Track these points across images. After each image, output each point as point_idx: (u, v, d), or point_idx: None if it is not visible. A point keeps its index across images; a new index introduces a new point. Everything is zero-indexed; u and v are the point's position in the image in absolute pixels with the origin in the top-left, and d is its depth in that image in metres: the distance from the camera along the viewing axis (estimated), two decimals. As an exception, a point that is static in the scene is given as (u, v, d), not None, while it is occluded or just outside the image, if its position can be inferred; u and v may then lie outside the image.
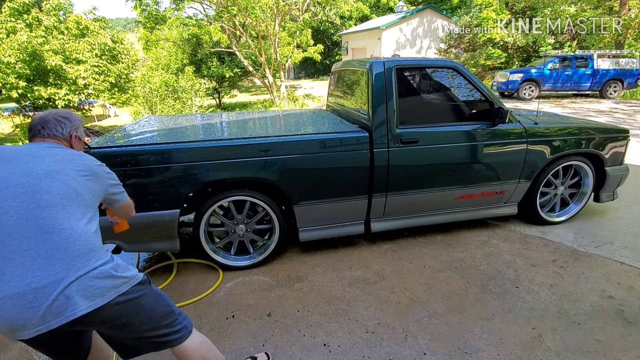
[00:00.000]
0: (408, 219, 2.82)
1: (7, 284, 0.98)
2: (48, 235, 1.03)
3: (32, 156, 1.16)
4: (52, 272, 1.00)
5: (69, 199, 1.10)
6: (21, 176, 1.09)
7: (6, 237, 1.02)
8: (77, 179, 1.16)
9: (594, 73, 11.53)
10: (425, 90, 2.86)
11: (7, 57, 8.39)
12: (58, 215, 1.06)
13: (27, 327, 0.99)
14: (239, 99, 21.74)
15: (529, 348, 1.80)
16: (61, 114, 1.34)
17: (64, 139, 1.31)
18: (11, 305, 0.97)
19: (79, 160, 1.22)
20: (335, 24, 28.65)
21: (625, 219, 3.22)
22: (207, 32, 14.67)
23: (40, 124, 1.29)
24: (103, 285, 1.06)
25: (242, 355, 1.80)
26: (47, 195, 1.07)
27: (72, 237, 1.05)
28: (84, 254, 1.05)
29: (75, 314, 1.01)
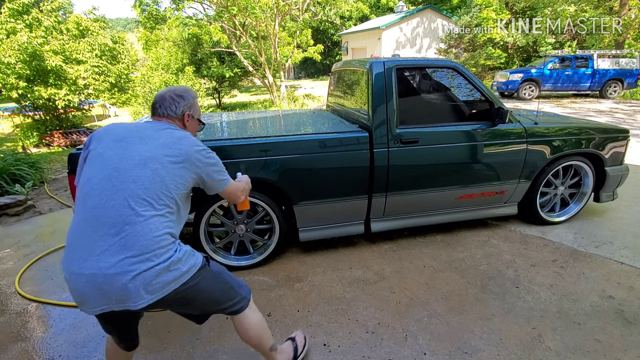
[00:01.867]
0: (408, 219, 2.82)
1: (84, 261, 1.06)
2: (125, 225, 1.08)
3: (139, 138, 1.22)
4: (121, 263, 1.05)
5: (152, 190, 1.14)
6: (121, 160, 1.16)
7: (93, 218, 1.09)
8: (167, 167, 1.18)
9: (594, 73, 11.54)
10: (425, 90, 2.86)
11: (7, 57, 8.39)
12: (137, 206, 1.10)
13: (92, 305, 1.08)
14: (239, 99, 21.74)
15: (529, 348, 1.80)
16: (177, 91, 1.39)
17: (177, 118, 1.37)
18: (84, 283, 1.06)
19: (177, 145, 1.23)
20: (335, 24, 28.63)
21: (625, 219, 3.22)
22: (207, 32, 14.67)
23: (159, 102, 1.36)
24: (165, 279, 1.11)
25: (242, 356, 1.80)
26: (133, 184, 1.12)
27: (144, 230, 1.09)
28: (152, 248, 1.09)
29: (136, 306, 1.08)
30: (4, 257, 2.92)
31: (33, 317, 2.16)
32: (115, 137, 1.22)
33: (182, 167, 1.22)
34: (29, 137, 10.34)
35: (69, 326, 2.06)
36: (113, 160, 1.15)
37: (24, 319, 2.15)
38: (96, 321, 2.06)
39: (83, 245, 1.08)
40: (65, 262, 1.10)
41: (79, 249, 1.08)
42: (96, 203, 1.10)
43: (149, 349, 1.85)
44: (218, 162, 1.37)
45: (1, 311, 2.22)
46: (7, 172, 4.47)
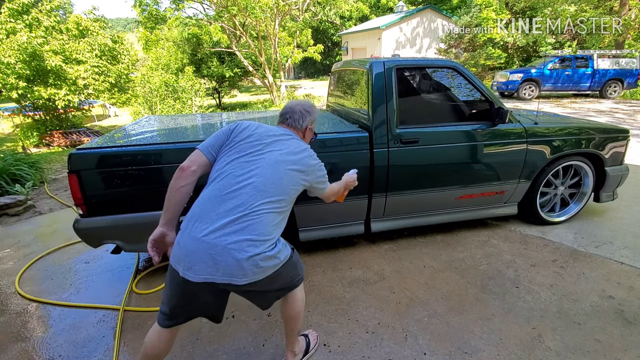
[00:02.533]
0: (408, 219, 2.82)
1: (208, 231, 1.21)
2: (248, 212, 1.25)
3: (274, 141, 1.43)
4: (241, 242, 1.20)
5: (275, 188, 1.32)
6: (257, 156, 1.36)
7: (222, 197, 1.27)
8: (290, 174, 1.38)
9: (593, 73, 11.54)
10: (425, 90, 2.86)
11: (7, 57, 8.39)
12: (262, 198, 1.28)
13: (199, 272, 1.20)
14: (239, 99, 21.74)
15: (529, 348, 1.80)
16: (306, 107, 1.60)
17: (300, 130, 1.57)
18: (202, 249, 1.20)
19: (299, 155, 1.44)
20: (335, 24, 28.65)
21: (625, 219, 3.22)
22: (207, 32, 14.67)
23: (289, 113, 1.57)
24: (268, 264, 1.27)
25: (242, 355, 1.80)
26: (262, 178, 1.31)
27: (263, 220, 1.26)
28: (266, 237, 1.26)
29: (240, 282, 1.22)
30: (4, 257, 2.92)
31: (33, 317, 2.16)
32: (256, 135, 1.42)
33: (301, 174, 1.42)
34: (29, 137, 10.34)
35: (69, 326, 2.06)
36: (253, 153, 1.36)
37: (24, 319, 2.15)
38: (96, 321, 2.07)
39: (209, 218, 1.24)
40: (187, 227, 1.25)
41: (204, 219, 1.24)
42: (227, 184, 1.29)
43: (149, 349, 1.85)
44: (325, 174, 1.57)
45: (1, 311, 2.22)
46: (7, 172, 4.47)
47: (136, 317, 2.11)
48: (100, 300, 2.27)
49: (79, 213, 2.14)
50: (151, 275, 2.56)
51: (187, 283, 1.24)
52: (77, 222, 2.13)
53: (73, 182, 2.04)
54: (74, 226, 2.14)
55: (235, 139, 1.42)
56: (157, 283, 2.44)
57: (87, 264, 2.76)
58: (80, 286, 2.47)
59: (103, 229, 2.16)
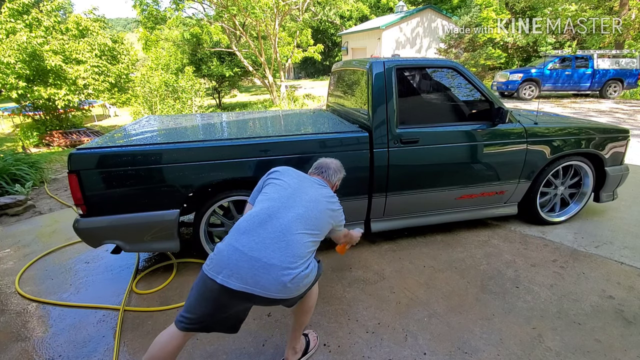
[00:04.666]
0: (408, 219, 2.82)
1: (251, 245, 1.32)
2: (288, 234, 1.37)
3: (310, 183, 1.64)
4: (280, 260, 1.30)
5: (313, 222, 1.46)
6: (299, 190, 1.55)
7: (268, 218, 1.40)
8: (325, 212, 1.55)
9: (594, 73, 11.53)
10: (425, 90, 2.86)
11: (7, 57, 8.39)
12: (300, 225, 1.42)
13: (238, 281, 1.27)
14: (239, 99, 21.74)
15: (529, 348, 1.80)
16: (339, 165, 1.86)
17: (331, 183, 1.78)
18: (245, 260, 1.28)
19: (330, 200, 1.61)
20: (335, 24, 28.64)
21: (625, 219, 3.22)
22: (208, 32, 14.67)
23: (324, 167, 1.80)
24: (302, 283, 1.35)
25: (242, 355, 1.80)
26: (303, 209, 1.46)
27: (299, 243, 1.38)
28: (302, 259, 1.36)
29: (275, 296, 1.30)
30: (4, 257, 2.92)
31: (33, 317, 2.16)
32: (295, 175, 1.65)
33: (329, 214, 1.57)
34: (29, 137, 10.35)
35: (69, 326, 2.06)
36: (294, 188, 1.55)
37: (24, 319, 2.15)
38: (96, 321, 2.07)
39: (254, 233, 1.35)
40: (232, 238, 1.36)
41: (250, 234, 1.35)
42: (274, 208, 1.44)
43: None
44: (344, 219, 1.72)
45: (1, 311, 2.22)
46: (7, 172, 4.47)
47: (136, 317, 2.11)
48: (100, 300, 2.27)
49: (79, 213, 2.14)
50: (151, 275, 2.56)
51: (223, 291, 1.29)
52: (77, 222, 2.13)
53: (73, 182, 2.04)
54: (74, 226, 2.14)
55: (276, 176, 1.64)
56: (157, 283, 2.44)
57: (87, 264, 2.76)
58: (80, 286, 2.47)
59: (103, 229, 2.16)
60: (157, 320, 2.07)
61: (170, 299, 2.26)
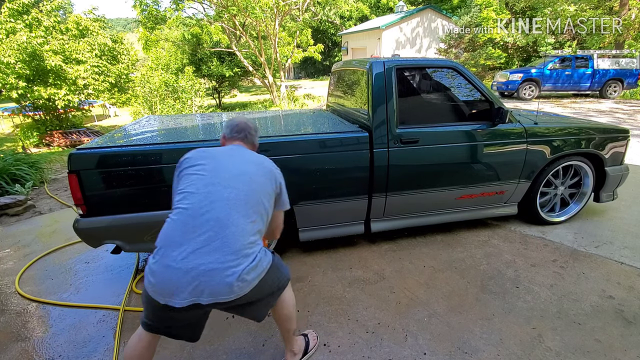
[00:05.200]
0: (408, 219, 2.81)
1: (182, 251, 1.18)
2: (222, 228, 1.21)
3: (239, 152, 1.44)
4: (221, 261, 1.18)
5: (243, 201, 1.28)
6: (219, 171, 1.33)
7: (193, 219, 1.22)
8: (257, 180, 1.36)
9: (594, 73, 11.53)
10: (425, 90, 2.86)
11: (7, 57, 8.39)
12: (234, 212, 1.24)
13: (182, 297, 1.16)
14: (239, 99, 21.74)
15: (529, 348, 1.80)
16: (256, 126, 1.64)
17: (254, 145, 1.61)
18: (180, 275, 1.15)
19: (264, 164, 1.44)
20: (335, 24, 28.64)
21: (625, 219, 3.22)
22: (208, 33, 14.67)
23: (246, 129, 1.58)
24: (251, 277, 1.23)
25: (242, 355, 1.80)
26: (232, 191, 1.27)
27: (238, 234, 1.22)
28: (242, 251, 1.22)
29: (226, 298, 1.20)
30: (4, 257, 2.92)
31: (33, 317, 2.16)
32: (209, 155, 1.40)
33: (269, 181, 1.40)
34: (29, 137, 10.35)
35: (69, 326, 2.06)
36: (212, 171, 1.32)
37: (24, 319, 2.15)
38: (96, 321, 2.07)
39: (182, 242, 1.19)
40: (159, 255, 1.20)
41: (177, 246, 1.19)
42: (194, 206, 1.24)
43: (149, 349, 1.85)
44: (283, 185, 1.54)
45: (1, 311, 2.22)
46: (7, 172, 4.47)
47: (136, 317, 2.11)
48: (100, 300, 2.27)
49: (79, 213, 2.14)
50: (151, 275, 2.55)
51: (169, 309, 1.20)
52: (77, 222, 2.13)
53: (73, 182, 2.04)
54: (74, 226, 2.14)
55: (189, 164, 1.39)
56: (157, 283, 2.43)
57: (87, 264, 2.76)
58: (80, 286, 2.47)
59: (103, 229, 2.16)
60: (157, 320, 2.07)
61: (170, 299, 2.26)
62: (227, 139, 1.59)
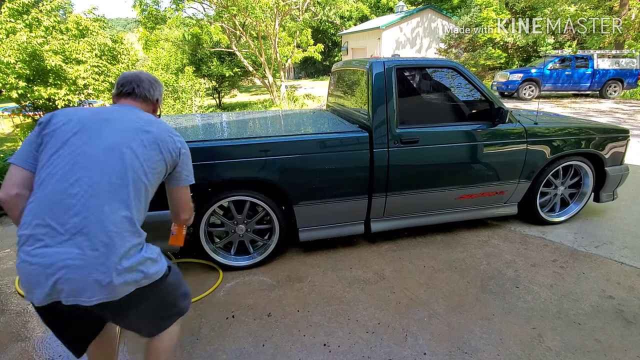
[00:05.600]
0: (408, 219, 2.82)
1: (42, 249, 0.99)
2: (88, 215, 1.01)
3: (106, 120, 1.14)
4: (83, 255, 0.99)
5: (116, 183, 1.05)
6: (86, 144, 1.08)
7: (55, 204, 1.01)
8: (139, 154, 1.11)
9: (593, 73, 11.54)
10: (425, 90, 2.86)
11: (6, 57, 8.39)
12: (102, 196, 1.03)
13: (40, 294, 1.00)
14: (239, 99, 21.74)
15: (529, 348, 1.80)
16: (152, 77, 1.34)
17: (151, 102, 1.31)
18: (38, 270, 0.99)
19: (150, 131, 1.16)
20: (335, 24, 28.65)
21: (625, 219, 3.22)
22: (208, 32, 14.67)
23: (135, 82, 1.27)
24: (122, 280, 1.03)
25: (242, 355, 1.80)
26: (99, 172, 1.05)
27: (109, 222, 1.02)
28: (114, 245, 1.02)
29: (89, 302, 1.01)
30: (4, 257, 2.92)
31: (33, 317, 2.16)
32: (78, 122, 1.11)
33: (157, 151, 1.15)
34: (29, 137, 10.32)
35: (69, 326, 2.05)
36: (78, 147, 1.06)
37: (24, 319, 2.15)
38: (96, 321, 2.06)
39: (42, 233, 1.00)
40: (19, 247, 1.02)
41: (35, 236, 1.00)
42: (54, 189, 1.02)
43: (149, 349, 1.85)
44: (190, 157, 1.31)
45: (1, 311, 2.22)
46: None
47: (136, 317, 2.11)
48: (100, 300, 2.27)
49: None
50: (151, 275, 2.55)
51: (44, 309, 1.05)
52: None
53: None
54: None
55: (49, 132, 1.10)
56: (157, 283, 2.43)
57: (87, 264, 2.75)
58: (80, 286, 2.46)
59: None
60: (157, 320, 2.07)
61: (170, 299, 2.26)
62: (114, 96, 1.30)
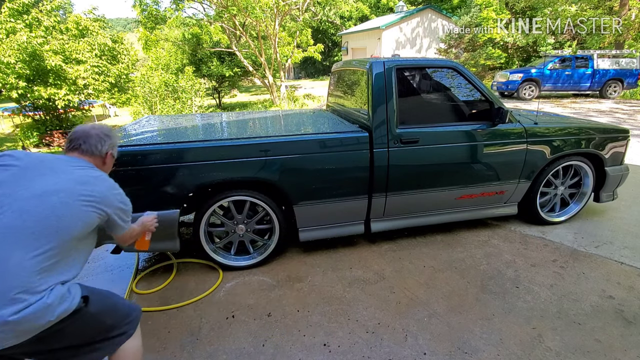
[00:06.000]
0: (408, 219, 2.81)
1: None
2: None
3: (50, 169, 1.17)
4: None
5: (29, 229, 1.05)
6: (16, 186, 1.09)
7: None
8: (74, 205, 1.13)
9: (593, 73, 11.54)
10: (425, 90, 2.86)
11: (7, 57, 8.39)
12: (16, 241, 1.02)
13: None
14: (239, 99, 21.75)
15: (529, 348, 1.80)
16: (105, 131, 1.37)
17: (99, 156, 1.34)
18: None
19: (93, 184, 1.20)
20: (335, 24, 28.65)
21: (625, 219, 3.22)
22: (208, 32, 14.68)
23: (83, 137, 1.30)
24: (28, 326, 1.01)
25: (242, 355, 1.80)
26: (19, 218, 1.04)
27: (19, 267, 1.01)
28: (24, 285, 1.00)
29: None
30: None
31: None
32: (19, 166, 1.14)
33: (91, 206, 1.17)
34: (29, 137, 10.35)
35: (69, 326, 2.05)
36: (9, 186, 1.08)
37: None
38: (96, 321, 2.06)
39: None
40: None
41: None
42: None
43: (149, 349, 1.85)
44: (129, 209, 1.36)
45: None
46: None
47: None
48: (100, 300, 2.27)
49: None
50: (151, 275, 2.56)
51: None
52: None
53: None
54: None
55: None
56: (157, 283, 2.44)
57: (87, 263, 2.76)
58: (80, 286, 2.46)
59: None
60: (157, 320, 2.07)
61: (170, 299, 2.26)
62: (64, 150, 1.35)
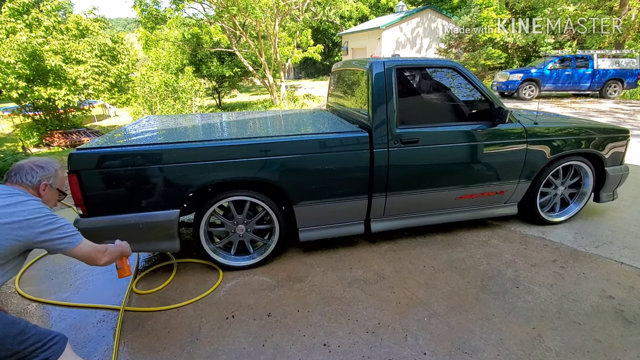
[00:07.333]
0: (408, 219, 2.81)
1: None
2: None
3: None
4: None
5: None
6: None
7: None
8: None
9: (593, 73, 11.54)
10: (425, 90, 2.86)
11: (7, 57, 8.39)
12: None
13: None
14: (239, 99, 21.75)
15: (529, 348, 1.80)
16: (39, 163, 1.45)
17: (31, 186, 1.41)
18: None
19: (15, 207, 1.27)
20: (335, 24, 28.65)
21: (625, 219, 3.22)
22: (208, 33, 14.69)
23: (15, 170, 1.41)
24: None
25: (242, 355, 1.80)
26: None
27: None
28: None
29: None
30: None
31: (33, 317, 2.16)
32: None
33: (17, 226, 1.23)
34: (29, 137, 10.36)
35: (69, 326, 2.06)
36: None
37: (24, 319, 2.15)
38: (96, 321, 2.07)
39: None
40: None
41: None
42: None
43: (149, 349, 1.85)
44: (62, 226, 1.36)
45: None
46: (7, 172, 4.46)
47: (136, 317, 2.11)
48: (100, 300, 2.27)
49: (79, 213, 2.14)
50: (151, 275, 2.56)
51: None
52: (77, 222, 2.13)
53: (73, 182, 2.05)
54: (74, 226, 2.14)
55: None
56: (157, 283, 2.44)
57: (87, 264, 2.75)
58: (80, 286, 2.46)
59: (103, 229, 2.16)
60: (157, 320, 2.07)
61: (170, 299, 2.26)
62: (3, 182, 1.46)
